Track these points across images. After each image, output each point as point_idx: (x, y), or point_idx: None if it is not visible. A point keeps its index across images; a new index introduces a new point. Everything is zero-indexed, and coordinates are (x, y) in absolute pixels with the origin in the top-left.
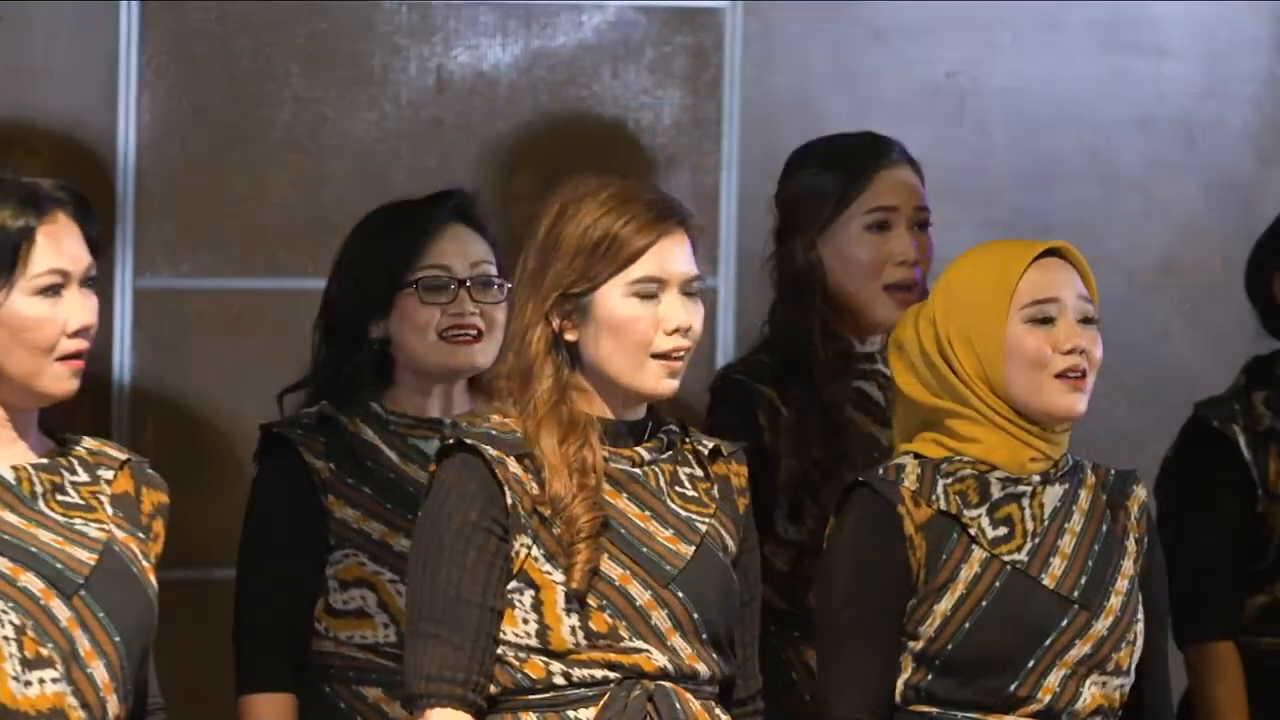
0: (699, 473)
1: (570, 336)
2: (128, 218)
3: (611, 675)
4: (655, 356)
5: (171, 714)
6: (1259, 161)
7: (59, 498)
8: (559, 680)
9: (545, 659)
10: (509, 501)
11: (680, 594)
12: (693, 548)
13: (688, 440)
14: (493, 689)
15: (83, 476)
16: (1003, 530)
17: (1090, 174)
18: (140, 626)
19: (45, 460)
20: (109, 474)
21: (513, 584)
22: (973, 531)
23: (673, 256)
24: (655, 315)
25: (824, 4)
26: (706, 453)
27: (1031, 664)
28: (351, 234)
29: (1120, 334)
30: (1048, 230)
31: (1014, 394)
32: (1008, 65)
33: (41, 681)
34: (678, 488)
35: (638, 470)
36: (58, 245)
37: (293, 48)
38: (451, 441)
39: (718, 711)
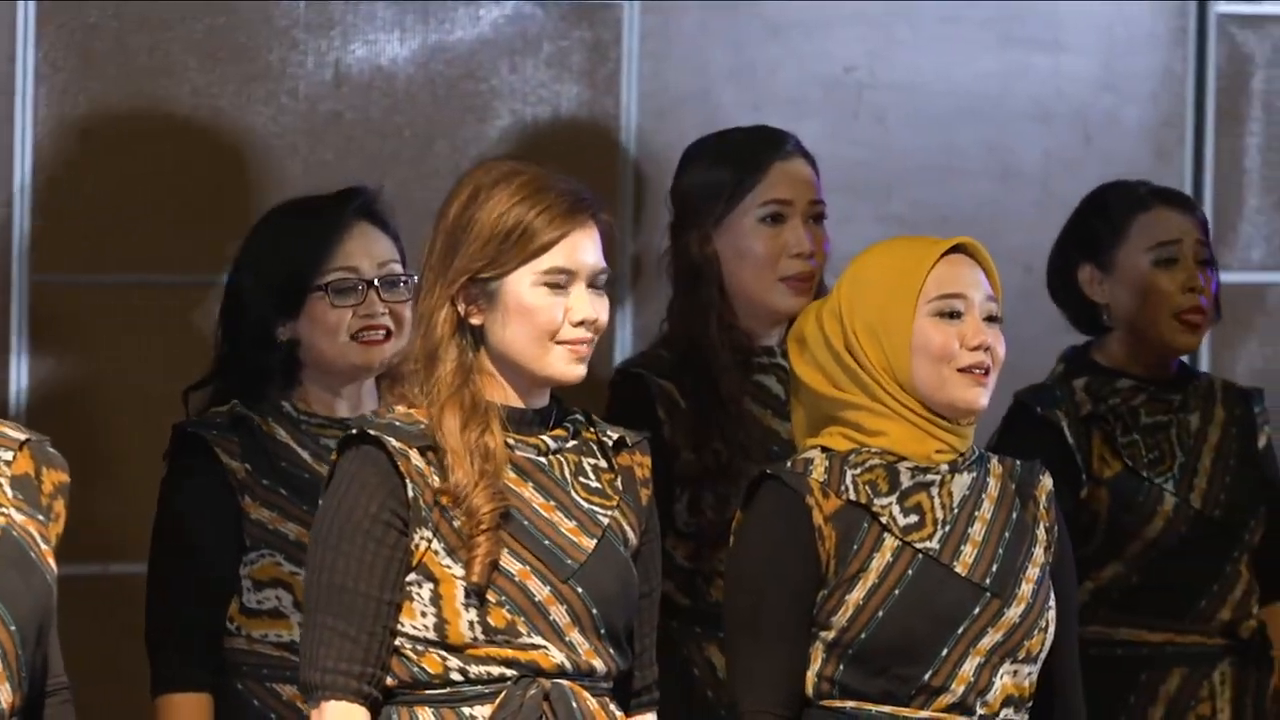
0: (603, 463)
1: (476, 320)
2: (25, 213)
3: (508, 672)
4: (560, 343)
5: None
6: (1156, 156)
7: None
8: (455, 677)
9: (442, 654)
10: (410, 495)
11: (580, 590)
12: (594, 541)
13: (592, 430)
14: (389, 681)
15: None
16: (913, 518)
17: (988, 168)
18: (37, 613)
19: None
20: (8, 455)
21: (411, 576)
22: (884, 520)
23: (583, 249)
24: (563, 305)
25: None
26: (611, 443)
27: (945, 652)
28: (254, 233)
29: (1019, 328)
30: (946, 224)
31: (919, 387)
32: (905, 60)
33: None
34: (581, 478)
35: (543, 459)
36: None
37: (190, 43)
38: (354, 432)
39: (612, 708)
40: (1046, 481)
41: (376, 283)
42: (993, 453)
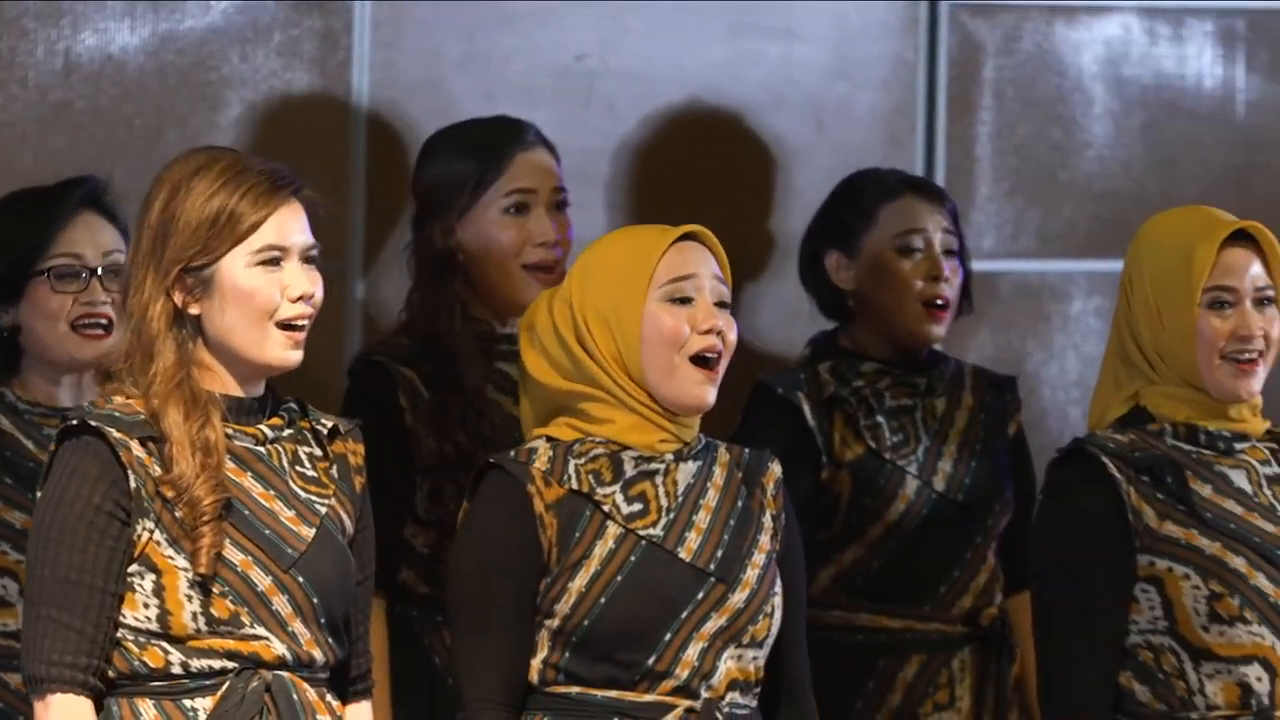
0: (318, 452)
1: (194, 310)
2: None
3: (230, 665)
4: (280, 326)
5: None
6: (889, 144)
7: None
8: (176, 670)
9: (164, 647)
10: (132, 485)
11: (301, 579)
12: (313, 530)
13: (307, 418)
14: (111, 673)
15: None
16: (637, 506)
17: (720, 157)
18: None
19: None
20: None
21: (133, 567)
22: (606, 508)
23: (291, 226)
24: (279, 283)
25: None
26: (325, 431)
27: (668, 637)
28: None
29: (751, 315)
30: (679, 213)
31: (649, 378)
32: (637, 48)
33: None
34: (298, 467)
35: (261, 448)
36: None
37: None
38: (74, 422)
39: (329, 698)
40: (775, 469)
41: (100, 271)
42: (734, 434)
